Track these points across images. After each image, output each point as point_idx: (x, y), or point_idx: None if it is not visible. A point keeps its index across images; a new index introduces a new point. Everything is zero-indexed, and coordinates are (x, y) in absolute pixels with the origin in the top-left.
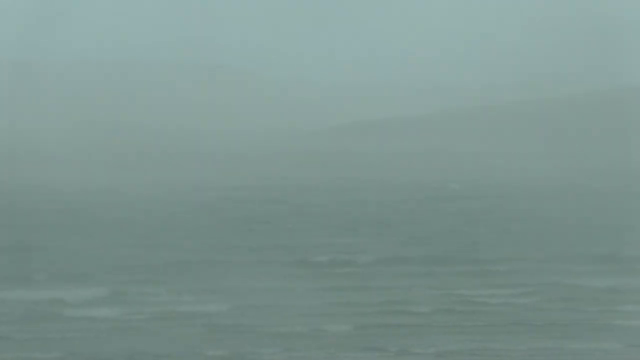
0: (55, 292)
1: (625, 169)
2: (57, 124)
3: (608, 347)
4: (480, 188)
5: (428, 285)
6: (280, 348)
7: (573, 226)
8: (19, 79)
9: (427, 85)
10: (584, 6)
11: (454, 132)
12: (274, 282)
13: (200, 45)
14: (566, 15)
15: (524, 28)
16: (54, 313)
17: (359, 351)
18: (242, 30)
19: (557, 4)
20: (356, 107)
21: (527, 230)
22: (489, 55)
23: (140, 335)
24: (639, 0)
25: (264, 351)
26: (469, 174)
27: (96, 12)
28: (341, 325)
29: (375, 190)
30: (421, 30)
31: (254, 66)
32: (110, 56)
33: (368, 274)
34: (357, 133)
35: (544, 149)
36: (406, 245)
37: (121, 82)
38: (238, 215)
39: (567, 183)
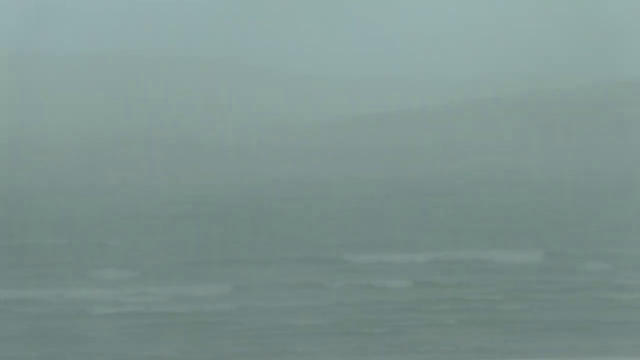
0: (178, 288)
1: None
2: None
3: None
4: (498, 182)
5: (488, 282)
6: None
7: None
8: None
9: (437, 78)
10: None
11: (467, 124)
12: (358, 280)
13: (205, 39)
14: (577, 5)
15: (533, 19)
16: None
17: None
18: (246, 25)
19: None
20: (364, 100)
21: (560, 224)
22: (498, 47)
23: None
24: None
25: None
26: (486, 167)
27: (101, 6)
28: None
29: (398, 185)
30: (429, 22)
31: (257, 60)
32: (114, 50)
33: (423, 271)
34: (367, 126)
35: (559, 142)
36: (448, 241)
37: (125, 76)
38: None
39: (587, 178)
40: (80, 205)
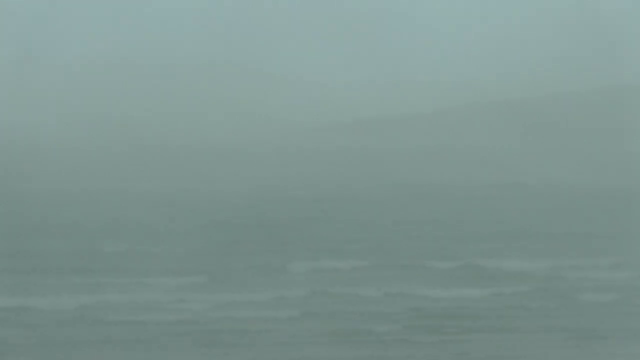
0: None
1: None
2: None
3: None
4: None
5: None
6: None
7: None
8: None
9: (439, 81)
10: (597, 4)
11: (472, 128)
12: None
13: (206, 42)
14: (581, 11)
15: (538, 23)
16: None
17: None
18: (247, 28)
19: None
20: (368, 104)
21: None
22: (500, 51)
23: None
24: None
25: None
26: (497, 172)
27: (97, 13)
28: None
29: (418, 189)
30: (431, 26)
31: (259, 63)
32: (114, 56)
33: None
34: (373, 130)
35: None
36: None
37: (125, 80)
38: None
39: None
40: (110, 210)
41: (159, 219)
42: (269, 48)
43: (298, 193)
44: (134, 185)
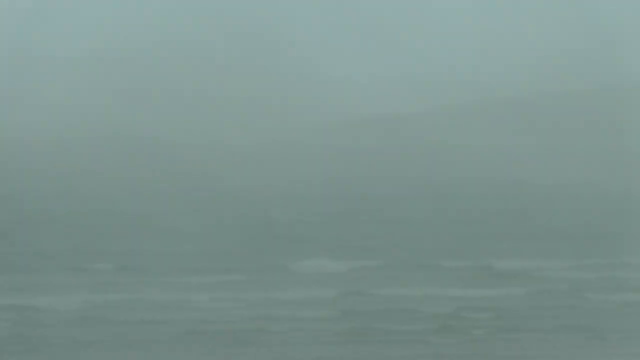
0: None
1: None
2: None
3: None
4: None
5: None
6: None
7: None
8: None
9: (442, 79)
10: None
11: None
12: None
13: (217, 39)
14: (579, 10)
15: (540, 21)
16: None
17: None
18: (259, 24)
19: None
20: (368, 102)
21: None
22: (513, 49)
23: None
24: None
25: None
26: (499, 171)
27: (99, 11)
28: None
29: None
30: (431, 24)
31: (271, 60)
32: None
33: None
34: (372, 128)
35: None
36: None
37: (138, 79)
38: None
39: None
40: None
41: (176, 218)
42: (281, 45)
43: (316, 191)
44: (150, 184)
